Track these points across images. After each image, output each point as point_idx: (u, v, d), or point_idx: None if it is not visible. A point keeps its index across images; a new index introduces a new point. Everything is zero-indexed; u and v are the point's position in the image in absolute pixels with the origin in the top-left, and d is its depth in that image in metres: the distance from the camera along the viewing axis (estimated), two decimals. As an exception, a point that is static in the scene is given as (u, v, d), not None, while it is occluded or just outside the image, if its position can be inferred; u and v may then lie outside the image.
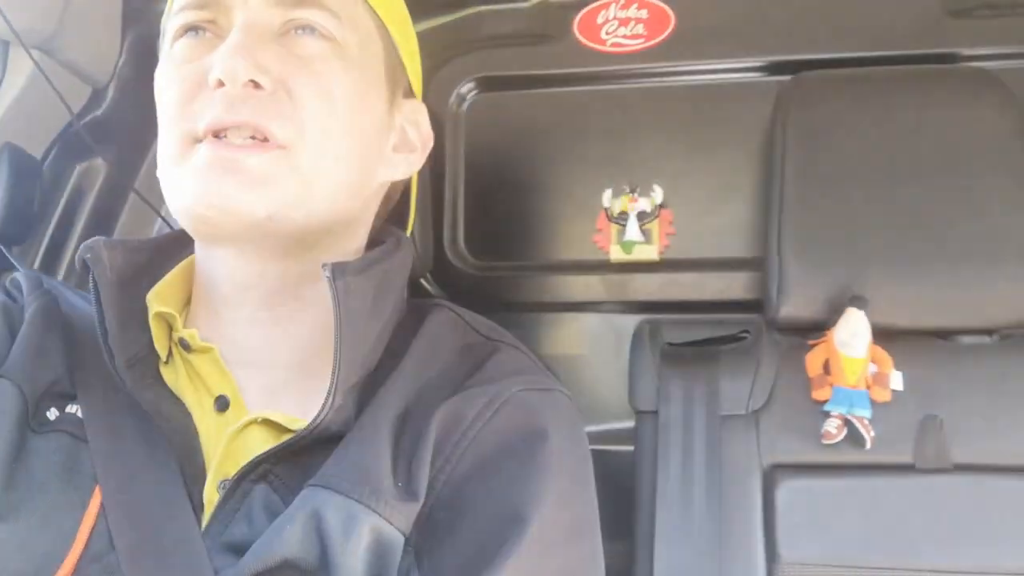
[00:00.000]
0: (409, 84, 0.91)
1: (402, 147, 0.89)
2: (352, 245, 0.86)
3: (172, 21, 0.81)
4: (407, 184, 0.95)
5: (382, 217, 0.92)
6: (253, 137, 0.75)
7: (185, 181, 0.75)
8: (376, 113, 0.84)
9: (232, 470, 0.76)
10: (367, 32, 0.84)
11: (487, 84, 1.57)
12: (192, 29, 0.80)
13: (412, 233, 0.98)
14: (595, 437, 1.39)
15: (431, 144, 0.92)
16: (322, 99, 0.78)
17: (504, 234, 1.57)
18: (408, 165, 0.89)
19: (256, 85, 0.75)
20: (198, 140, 0.75)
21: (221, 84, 0.74)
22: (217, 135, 0.75)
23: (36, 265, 1.32)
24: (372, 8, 0.84)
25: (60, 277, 1.33)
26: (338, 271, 0.76)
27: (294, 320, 0.83)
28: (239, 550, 0.73)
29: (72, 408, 0.79)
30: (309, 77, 0.77)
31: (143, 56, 1.36)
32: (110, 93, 1.36)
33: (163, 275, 0.85)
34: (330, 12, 0.79)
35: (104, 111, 1.35)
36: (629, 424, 1.29)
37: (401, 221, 0.97)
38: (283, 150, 0.75)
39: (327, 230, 0.81)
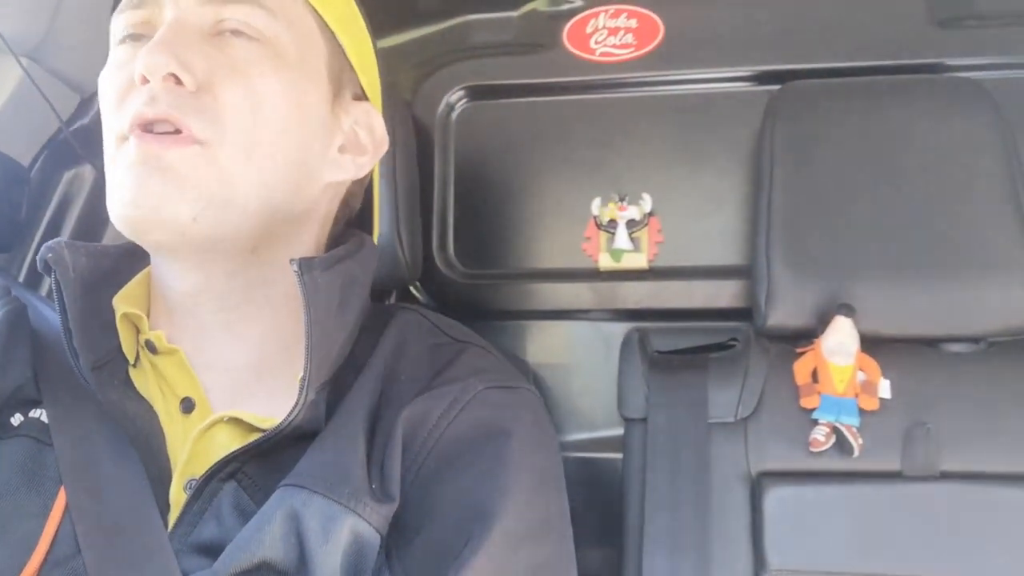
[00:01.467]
0: (361, 87, 0.90)
1: (351, 149, 0.88)
2: (303, 244, 0.85)
3: (114, 25, 0.81)
4: (368, 188, 0.95)
5: (340, 221, 0.92)
6: (176, 131, 0.74)
7: (117, 183, 0.75)
8: (315, 114, 0.83)
9: (199, 470, 0.76)
10: (306, 32, 0.83)
11: (476, 93, 1.57)
12: (131, 37, 0.79)
13: (400, 241, 0.97)
14: (584, 445, 1.40)
15: (385, 148, 0.91)
16: (247, 100, 0.77)
17: (493, 242, 1.57)
18: (356, 167, 0.88)
19: (177, 81, 0.74)
20: (126, 138, 0.75)
21: (145, 80, 0.74)
22: (145, 130, 0.74)
23: (23, 273, 1.32)
24: (314, 8, 0.83)
25: (48, 285, 1.32)
26: (305, 266, 0.76)
27: (249, 323, 0.83)
28: (208, 551, 0.73)
29: (36, 413, 0.79)
30: (235, 78, 0.77)
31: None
32: (98, 101, 1.36)
33: (128, 280, 0.85)
34: (264, 10, 0.79)
35: (92, 118, 1.35)
36: (618, 432, 1.29)
37: (364, 226, 0.96)
38: (202, 146, 0.74)
39: (267, 232, 0.80)
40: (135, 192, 0.73)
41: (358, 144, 0.89)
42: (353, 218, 0.94)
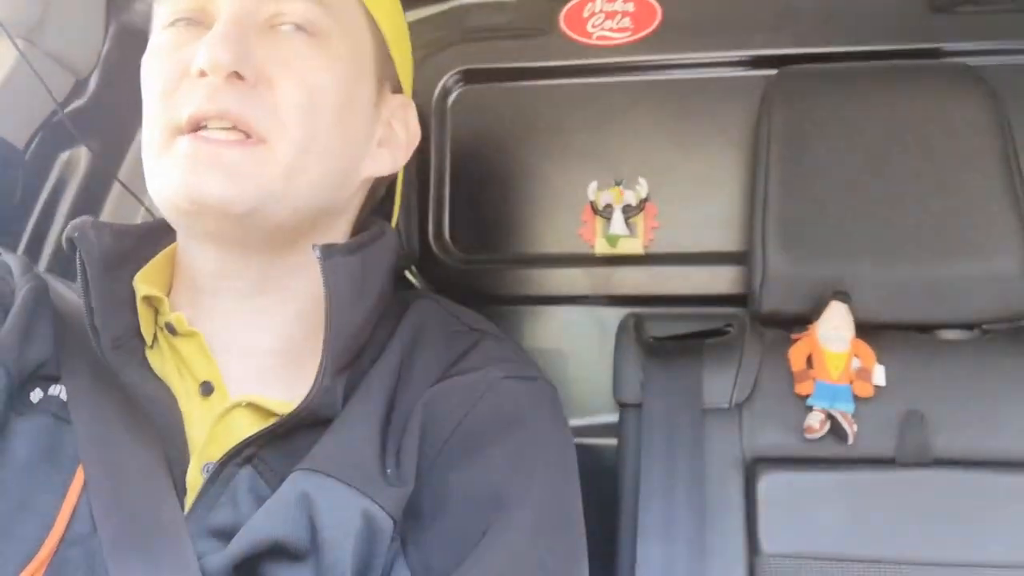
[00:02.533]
0: (398, 79, 0.91)
1: (387, 142, 0.89)
2: (335, 235, 0.86)
3: (162, 7, 0.81)
4: (393, 178, 0.96)
5: (367, 209, 0.92)
6: (234, 128, 0.74)
7: (167, 174, 0.76)
8: (362, 108, 0.84)
9: (216, 454, 0.76)
10: (356, 25, 0.83)
11: (472, 77, 1.57)
12: (180, 18, 0.79)
13: (396, 226, 0.98)
14: (579, 430, 1.40)
15: (417, 141, 0.92)
16: (305, 95, 0.77)
17: (489, 227, 1.57)
18: (393, 160, 0.89)
19: (239, 76, 0.75)
20: (180, 131, 0.75)
21: (204, 74, 0.75)
22: (198, 128, 0.74)
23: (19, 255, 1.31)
24: (364, 3, 0.84)
25: (42, 267, 1.32)
26: (327, 252, 0.77)
27: (276, 309, 0.83)
28: (223, 534, 0.73)
29: (56, 390, 0.79)
30: (293, 72, 0.77)
31: (127, 45, 1.35)
32: (93, 82, 1.35)
33: (148, 260, 0.85)
34: (320, 5, 0.79)
35: (88, 100, 1.34)
36: (613, 418, 1.29)
37: (385, 214, 0.97)
38: (264, 144, 0.75)
39: (309, 223, 0.81)
40: (192, 186, 0.74)
41: (393, 137, 0.90)
42: (376, 205, 0.95)
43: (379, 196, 0.95)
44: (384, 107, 0.88)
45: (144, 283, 0.82)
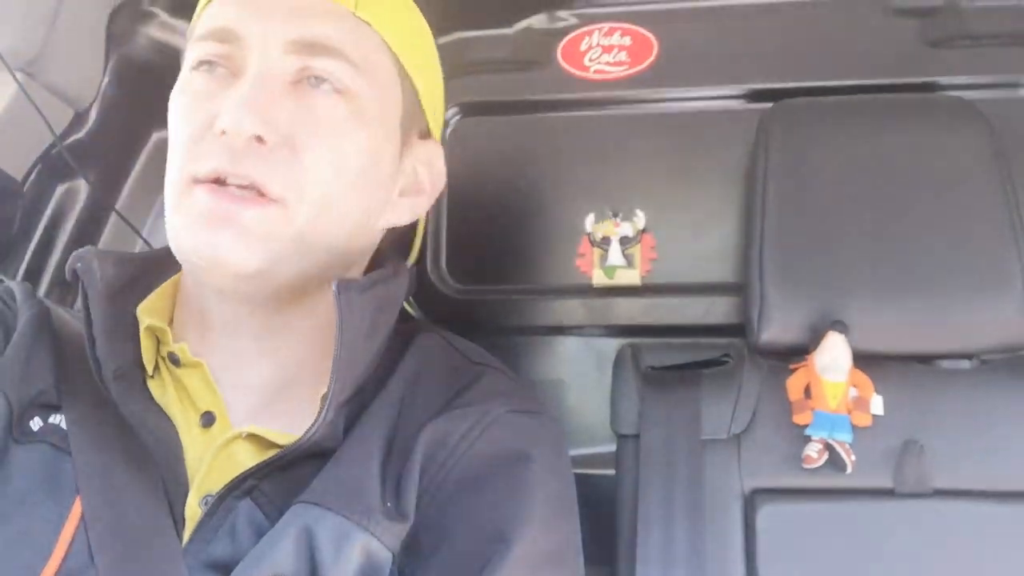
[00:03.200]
0: (427, 127, 0.90)
1: (409, 191, 0.88)
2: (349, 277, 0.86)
3: (192, 48, 0.81)
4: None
5: (383, 251, 0.92)
6: (251, 186, 0.74)
7: (184, 227, 0.76)
8: (386, 164, 0.84)
9: (216, 486, 0.76)
10: (387, 81, 0.83)
11: (470, 109, 1.58)
12: (208, 64, 0.79)
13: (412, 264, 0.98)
14: (577, 461, 1.38)
15: (443, 182, 0.91)
16: (328, 159, 0.77)
17: (487, 258, 1.57)
18: (413, 210, 0.89)
19: (260, 140, 0.74)
20: (199, 182, 0.75)
21: (225, 133, 0.74)
22: (220, 182, 0.74)
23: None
24: (396, 56, 0.83)
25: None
26: (343, 287, 0.76)
27: (283, 347, 0.83)
28: (221, 567, 0.72)
29: (56, 419, 0.78)
30: (318, 137, 0.77)
31: (127, 78, 1.37)
32: (93, 115, 1.36)
33: (151, 289, 0.85)
34: (348, 63, 0.78)
35: (87, 133, 1.35)
36: (611, 448, 1.29)
37: (402, 248, 0.97)
38: (280, 206, 0.75)
39: (322, 276, 0.81)
40: (205, 245, 0.74)
41: (416, 184, 0.89)
42: (394, 240, 0.95)
43: (396, 235, 0.94)
44: (409, 155, 0.87)
45: (147, 313, 0.82)
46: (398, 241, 0.95)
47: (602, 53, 1.53)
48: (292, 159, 0.75)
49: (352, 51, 0.79)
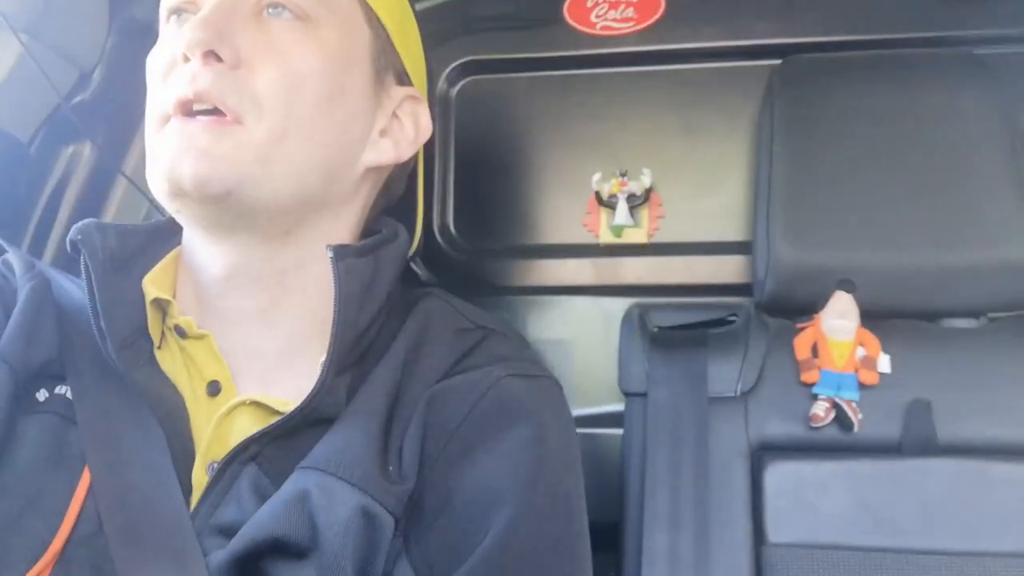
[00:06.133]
0: (404, 72, 0.90)
1: (391, 132, 0.88)
2: (339, 230, 0.86)
3: (162, 4, 0.83)
4: (412, 176, 0.95)
5: (379, 207, 0.92)
6: (215, 110, 0.75)
7: (156, 160, 0.77)
8: (355, 97, 0.84)
9: (221, 452, 0.76)
10: (349, 14, 0.84)
11: (476, 67, 1.57)
12: (176, 12, 0.81)
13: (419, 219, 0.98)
14: (585, 420, 1.41)
15: (427, 135, 0.91)
16: (285, 78, 0.78)
17: (493, 218, 1.57)
18: (396, 151, 0.89)
19: (217, 58, 0.75)
20: (169, 117, 0.77)
21: (187, 59, 0.76)
22: (186, 112, 0.76)
23: (22, 250, 1.31)
24: None
25: (47, 261, 1.32)
26: (340, 252, 0.77)
27: (280, 309, 0.83)
28: (229, 532, 0.73)
29: (62, 389, 0.79)
30: (274, 57, 0.78)
31: (131, 38, 1.36)
32: (98, 76, 1.35)
33: (155, 261, 0.85)
34: None
35: (92, 94, 1.34)
36: (618, 407, 1.29)
37: (404, 210, 0.97)
38: (238, 125, 0.76)
39: (301, 212, 0.81)
40: (171, 170, 0.75)
41: (400, 129, 0.89)
42: (393, 205, 0.95)
43: (396, 193, 0.95)
44: (386, 98, 0.88)
45: (152, 286, 0.83)
46: (398, 207, 0.95)
47: (608, 9, 1.51)
48: (249, 76, 0.77)
49: None
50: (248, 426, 0.78)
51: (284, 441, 0.77)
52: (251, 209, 0.77)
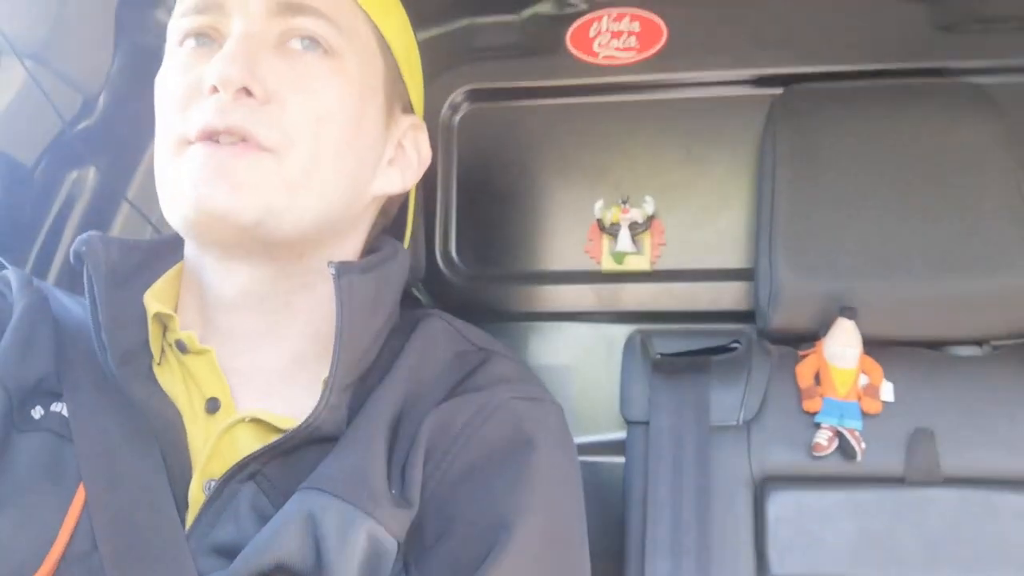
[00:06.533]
0: (409, 100, 0.92)
1: (398, 161, 0.90)
2: (342, 255, 0.86)
3: (175, 25, 0.82)
4: (405, 197, 0.96)
5: (379, 228, 0.93)
6: (243, 141, 0.75)
7: (177, 183, 0.77)
8: (371, 127, 0.85)
9: (219, 470, 0.76)
10: (367, 45, 0.84)
11: (479, 96, 1.57)
12: (193, 36, 0.81)
13: (409, 244, 0.99)
14: (586, 448, 1.40)
15: (428, 162, 0.92)
16: (314, 112, 0.78)
17: (496, 244, 1.57)
18: (403, 179, 0.90)
19: (248, 93, 0.76)
20: (190, 143, 0.76)
21: (215, 90, 0.76)
22: (211, 139, 0.75)
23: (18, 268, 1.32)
24: (374, 22, 0.85)
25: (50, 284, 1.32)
26: (342, 269, 0.77)
27: (284, 327, 0.83)
28: (225, 552, 0.73)
29: (58, 407, 0.79)
30: (302, 89, 0.78)
31: (136, 65, 1.36)
32: (101, 102, 1.36)
33: (157, 276, 0.85)
34: (329, 22, 0.80)
35: (96, 120, 1.35)
36: (620, 435, 1.29)
37: (397, 233, 0.97)
38: (270, 154, 0.76)
39: (317, 239, 0.82)
40: (200, 197, 0.75)
41: (404, 156, 0.90)
42: (388, 225, 0.95)
43: (391, 215, 0.96)
44: (395, 127, 0.89)
45: (154, 300, 0.82)
46: (392, 226, 0.96)
47: (611, 39, 1.52)
48: (280, 112, 0.77)
49: (332, 12, 0.81)
50: (248, 444, 0.78)
51: (285, 459, 0.77)
52: (275, 237, 0.78)
